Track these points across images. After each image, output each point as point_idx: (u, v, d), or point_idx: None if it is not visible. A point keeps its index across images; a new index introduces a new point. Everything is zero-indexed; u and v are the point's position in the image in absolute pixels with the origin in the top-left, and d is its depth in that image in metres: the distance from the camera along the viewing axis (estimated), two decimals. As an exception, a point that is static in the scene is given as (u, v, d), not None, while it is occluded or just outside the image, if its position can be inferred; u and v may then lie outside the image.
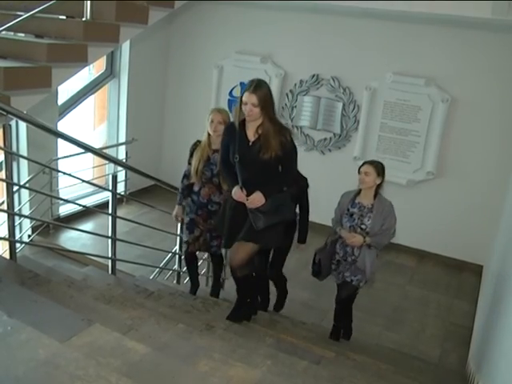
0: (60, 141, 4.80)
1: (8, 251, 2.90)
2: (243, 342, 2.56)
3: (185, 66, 6.67)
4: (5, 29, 2.71)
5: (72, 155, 5.12)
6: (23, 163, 4.93)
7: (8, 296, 2.12)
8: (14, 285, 2.34)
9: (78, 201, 5.41)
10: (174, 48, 6.73)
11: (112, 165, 5.67)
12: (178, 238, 4.03)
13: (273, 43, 6.02)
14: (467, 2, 3.88)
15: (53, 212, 5.38)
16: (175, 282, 4.23)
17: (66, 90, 5.66)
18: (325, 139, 6.00)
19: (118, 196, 4.03)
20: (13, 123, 4.06)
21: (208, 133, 3.32)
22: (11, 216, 2.82)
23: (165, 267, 4.39)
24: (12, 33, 2.99)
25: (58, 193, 5.38)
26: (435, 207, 5.59)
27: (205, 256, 4.11)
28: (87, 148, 3.22)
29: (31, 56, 2.76)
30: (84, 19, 3.03)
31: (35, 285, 2.47)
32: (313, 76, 5.87)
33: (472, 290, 5.03)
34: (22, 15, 2.78)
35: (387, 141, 5.62)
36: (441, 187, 5.54)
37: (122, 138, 6.38)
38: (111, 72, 6.24)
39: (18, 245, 3.80)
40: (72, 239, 5.24)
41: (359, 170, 3.21)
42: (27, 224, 5.00)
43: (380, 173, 3.17)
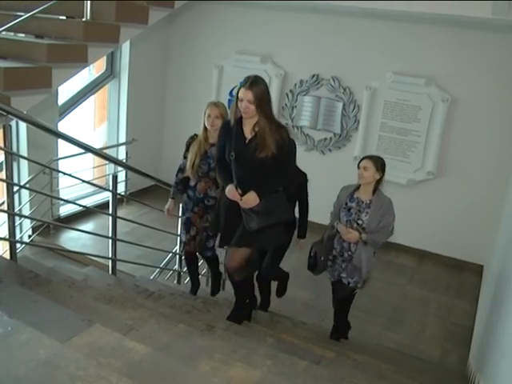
0: (60, 141, 4.81)
1: (8, 251, 2.90)
2: (244, 342, 2.56)
3: (185, 66, 6.67)
4: (5, 29, 2.71)
5: (72, 155, 5.13)
6: (23, 163, 4.94)
7: (8, 296, 2.12)
8: (15, 285, 2.34)
9: (79, 201, 5.42)
10: (174, 48, 6.74)
11: (112, 165, 5.67)
12: (179, 238, 4.03)
13: (273, 43, 6.02)
14: (467, 2, 3.88)
15: (53, 212, 5.39)
16: (175, 282, 4.23)
17: (66, 91, 5.67)
18: (325, 139, 6.01)
19: (119, 196, 4.02)
20: (13, 123, 4.06)
21: (205, 127, 3.28)
22: (11, 216, 2.82)
23: (165, 267, 4.39)
24: (12, 33, 2.99)
25: (59, 193, 5.38)
26: (435, 207, 5.59)
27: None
28: (87, 148, 3.22)
29: (31, 56, 2.76)
30: (84, 19, 3.03)
31: (35, 285, 2.46)
32: (313, 76, 5.88)
33: (472, 290, 5.03)
34: (22, 15, 2.79)
35: (387, 141, 5.62)
36: (441, 187, 5.54)
37: (122, 139, 6.39)
38: (111, 72, 6.24)
39: (19, 245, 3.79)
40: (72, 239, 5.24)
41: (358, 165, 3.16)
42: (27, 224, 5.00)
43: (379, 168, 3.11)
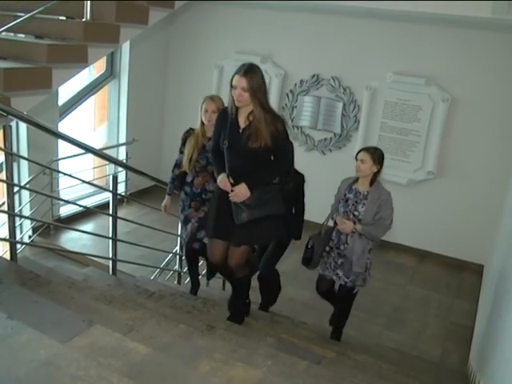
0: (60, 141, 4.81)
1: (9, 252, 2.90)
2: (244, 342, 2.56)
3: (185, 67, 6.67)
4: (5, 30, 2.71)
5: (72, 156, 5.13)
6: (23, 164, 4.94)
7: (9, 297, 2.12)
8: (15, 286, 2.34)
9: (79, 201, 5.43)
10: (174, 48, 6.74)
11: (112, 165, 5.67)
12: (179, 239, 4.02)
13: (273, 43, 6.02)
14: (467, 2, 3.88)
15: (53, 213, 5.39)
16: (176, 283, 4.23)
17: (67, 91, 5.67)
18: (325, 139, 6.00)
19: (119, 197, 4.02)
20: (13, 124, 4.06)
21: (202, 121, 3.23)
22: (12, 217, 2.82)
23: (165, 268, 4.39)
24: (12, 34, 2.99)
25: (59, 193, 5.39)
26: (436, 207, 5.59)
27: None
28: (87, 149, 3.22)
29: (31, 57, 2.76)
30: (84, 20, 3.03)
31: (36, 286, 2.46)
32: (313, 76, 5.88)
33: (473, 290, 5.03)
34: (22, 16, 2.79)
35: (387, 140, 5.62)
36: (441, 187, 5.54)
37: (123, 139, 6.39)
38: (111, 72, 6.24)
39: (19, 246, 3.79)
40: (72, 240, 5.24)
41: (356, 157, 3.12)
42: (28, 225, 5.01)
43: (377, 160, 3.06)
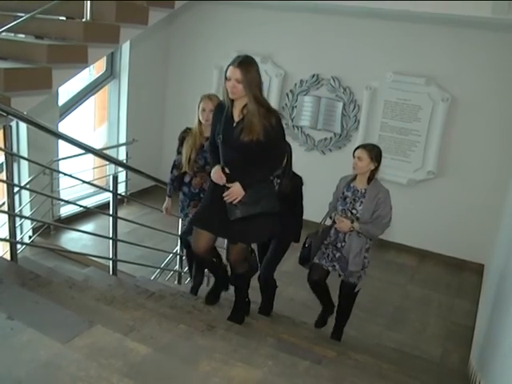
0: (60, 142, 4.81)
1: (9, 252, 2.90)
2: (244, 342, 2.56)
3: (185, 67, 6.67)
4: (5, 30, 2.71)
5: (72, 156, 5.13)
6: (24, 164, 4.94)
7: (9, 297, 2.12)
8: (15, 286, 2.34)
9: (79, 202, 5.43)
10: (174, 48, 6.74)
11: (112, 165, 5.67)
12: (179, 239, 4.02)
13: (273, 43, 6.02)
14: (467, 2, 3.88)
15: (53, 213, 5.39)
16: (176, 283, 4.24)
17: (67, 91, 5.67)
18: (325, 139, 6.00)
19: (119, 197, 4.02)
20: (13, 124, 4.06)
21: (199, 120, 3.20)
22: (12, 217, 2.82)
23: (166, 268, 4.39)
24: (12, 34, 2.99)
25: (59, 194, 5.39)
26: (436, 206, 5.59)
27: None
28: (88, 149, 3.22)
29: (31, 57, 2.76)
30: (84, 20, 3.03)
31: (36, 286, 2.46)
32: (313, 76, 5.88)
33: (473, 289, 5.03)
34: (22, 16, 2.79)
35: (388, 140, 5.62)
36: (441, 186, 5.54)
37: (123, 139, 6.39)
38: (111, 73, 6.24)
39: (19, 246, 3.79)
40: (73, 240, 5.24)
41: (353, 154, 3.10)
42: (28, 225, 5.01)
43: (374, 157, 3.04)
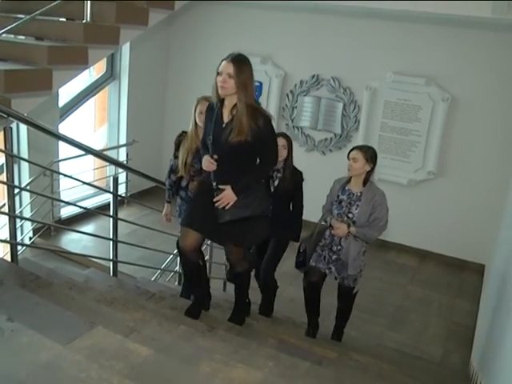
0: (61, 143, 4.81)
1: (9, 254, 2.89)
2: (245, 343, 2.56)
3: (185, 68, 6.67)
4: (5, 31, 2.71)
5: (73, 157, 5.13)
6: (24, 165, 4.94)
7: (9, 299, 2.12)
8: (16, 287, 2.34)
9: (79, 203, 5.42)
10: (174, 49, 6.74)
11: (113, 167, 5.67)
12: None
13: (273, 44, 6.02)
14: (467, 2, 3.88)
15: (54, 214, 5.39)
16: (176, 284, 4.23)
17: (67, 92, 5.68)
18: (325, 139, 6.00)
19: (119, 198, 4.02)
20: (13, 126, 4.06)
21: (195, 123, 3.16)
22: (12, 218, 2.81)
23: (166, 269, 4.39)
24: (12, 35, 2.99)
25: (59, 195, 5.39)
26: (436, 207, 5.59)
27: (206, 257, 4.10)
28: (88, 150, 3.22)
29: (32, 58, 2.76)
30: (84, 21, 3.03)
31: (37, 287, 2.46)
32: (313, 76, 5.88)
33: (474, 290, 5.02)
34: (23, 18, 2.79)
35: (388, 141, 5.62)
36: (442, 187, 5.54)
37: (123, 140, 6.39)
38: (111, 74, 6.25)
39: (20, 247, 3.79)
40: (73, 241, 5.24)
41: (348, 156, 3.07)
42: (28, 226, 5.01)
43: (369, 159, 3.02)
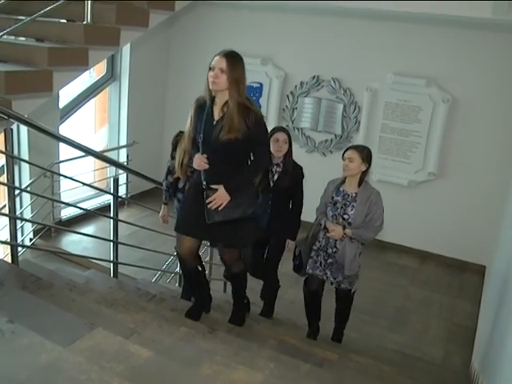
0: (61, 144, 4.81)
1: (10, 255, 2.90)
2: (246, 345, 2.55)
3: (185, 69, 6.67)
4: (6, 33, 2.71)
5: (73, 158, 5.13)
6: (24, 167, 4.94)
7: (10, 300, 2.11)
8: (16, 289, 2.33)
9: (80, 204, 5.43)
10: (175, 50, 6.74)
11: (113, 168, 5.68)
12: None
13: (273, 45, 6.03)
14: (468, 2, 3.88)
15: (54, 215, 5.39)
16: (177, 285, 4.22)
17: (67, 94, 5.68)
18: (326, 141, 6.00)
19: (120, 199, 4.02)
20: (14, 127, 4.05)
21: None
22: (13, 220, 2.81)
23: (166, 270, 4.38)
24: (13, 37, 2.99)
25: (60, 196, 5.38)
26: (437, 208, 5.58)
27: (206, 259, 4.10)
28: (88, 151, 3.22)
29: (32, 60, 2.75)
30: (84, 23, 3.03)
31: (37, 289, 2.45)
32: (313, 77, 5.88)
33: (475, 291, 5.02)
34: (23, 19, 2.79)
35: (388, 142, 5.62)
36: (442, 188, 5.54)
37: (123, 141, 6.40)
38: (112, 75, 6.25)
39: (20, 248, 3.79)
40: (74, 242, 5.24)
41: (343, 156, 3.03)
42: (29, 228, 5.01)
43: (365, 159, 2.99)
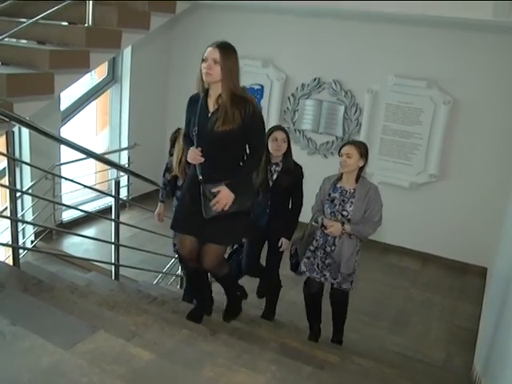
0: (62, 147, 4.81)
1: (11, 257, 2.90)
2: (247, 348, 2.55)
3: (186, 71, 6.64)
4: (7, 35, 2.72)
5: (74, 161, 5.13)
6: (26, 169, 4.94)
7: (11, 303, 2.11)
8: (18, 291, 2.34)
9: (81, 206, 5.43)
10: (176, 53, 6.75)
11: (114, 170, 5.68)
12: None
13: (274, 47, 6.03)
14: (468, 4, 3.88)
15: (56, 218, 5.39)
16: (178, 287, 4.23)
17: (69, 96, 5.68)
18: (327, 142, 6.00)
19: (121, 201, 4.02)
20: (15, 129, 4.06)
21: None
22: (14, 222, 2.82)
23: (168, 272, 4.38)
24: (14, 39, 3.00)
25: (61, 198, 5.39)
26: (438, 210, 5.57)
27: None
28: (89, 153, 3.22)
29: (34, 62, 2.76)
30: (86, 25, 3.04)
31: (39, 291, 2.46)
32: (314, 79, 5.88)
33: (476, 293, 5.01)
34: (25, 22, 2.80)
35: (389, 143, 5.61)
36: (444, 189, 5.53)
37: (125, 143, 6.39)
38: (113, 77, 6.26)
39: (21, 251, 3.80)
40: (75, 245, 5.24)
41: (340, 152, 3.01)
42: (30, 230, 5.01)
43: (363, 154, 2.98)
